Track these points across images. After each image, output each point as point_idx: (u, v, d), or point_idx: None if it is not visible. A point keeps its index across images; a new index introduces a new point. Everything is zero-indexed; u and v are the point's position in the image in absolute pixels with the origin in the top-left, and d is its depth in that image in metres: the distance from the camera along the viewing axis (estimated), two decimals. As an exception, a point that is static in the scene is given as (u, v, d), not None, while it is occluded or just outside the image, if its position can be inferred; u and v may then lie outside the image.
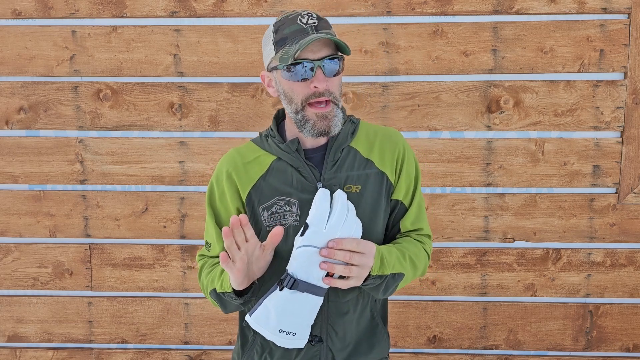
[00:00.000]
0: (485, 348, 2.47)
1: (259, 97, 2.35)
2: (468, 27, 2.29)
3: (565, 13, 2.28)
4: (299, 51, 1.19)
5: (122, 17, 2.34)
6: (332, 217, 1.17)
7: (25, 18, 2.36)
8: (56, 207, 2.45)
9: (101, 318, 2.52)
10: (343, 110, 1.38)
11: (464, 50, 2.30)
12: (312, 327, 1.31)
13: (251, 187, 1.33)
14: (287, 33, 1.23)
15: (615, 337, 2.45)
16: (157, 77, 2.36)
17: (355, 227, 1.20)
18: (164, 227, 2.43)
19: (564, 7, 2.27)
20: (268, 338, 1.23)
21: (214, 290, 1.33)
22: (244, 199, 1.34)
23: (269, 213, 1.32)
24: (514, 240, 2.40)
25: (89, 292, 2.51)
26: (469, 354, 2.48)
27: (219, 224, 1.38)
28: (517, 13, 2.28)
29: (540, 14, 2.28)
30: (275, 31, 1.26)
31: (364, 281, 1.23)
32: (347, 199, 1.22)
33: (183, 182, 2.41)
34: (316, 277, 1.18)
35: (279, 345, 1.25)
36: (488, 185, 2.37)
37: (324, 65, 1.23)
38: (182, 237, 2.44)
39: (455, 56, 2.31)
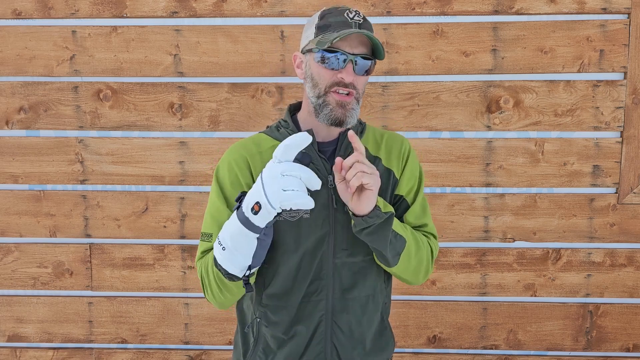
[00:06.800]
0: (485, 348, 2.47)
1: (259, 97, 2.35)
2: (468, 27, 2.30)
3: (565, 13, 2.28)
4: (337, 38, 1.24)
5: (122, 17, 2.34)
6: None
7: (26, 18, 2.36)
8: (56, 207, 2.45)
9: (101, 318, 2.52)
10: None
11: (464, 50, 2.30)
12: (318, 323, 1.34)
13: None
14: (331, 21, 1.29)
15: (615, 337, 2.45)
16: (157, 77, 2.36)
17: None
18: (164, 227, 2.43)
19: (563, 7, 2.27)
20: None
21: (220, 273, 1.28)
22: None
23: None
24: (514, 240, 2.40)
25: (89, 292, 2.51)
26: (469, 354, 2.48)
27: (231, 209, 1.34)
28: (517, 13, 2.28)
29: (540, 14, 2.28)
30: (321, 17, 1.31)
31: (369, 216, 1.21)
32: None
33: (183, 182, 2.41)
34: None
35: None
36: (488, 185, 2.37)
37: (356, 61, 1.28)
38: (182, 237, 2.44)
39: (455, 56, 2.31)
